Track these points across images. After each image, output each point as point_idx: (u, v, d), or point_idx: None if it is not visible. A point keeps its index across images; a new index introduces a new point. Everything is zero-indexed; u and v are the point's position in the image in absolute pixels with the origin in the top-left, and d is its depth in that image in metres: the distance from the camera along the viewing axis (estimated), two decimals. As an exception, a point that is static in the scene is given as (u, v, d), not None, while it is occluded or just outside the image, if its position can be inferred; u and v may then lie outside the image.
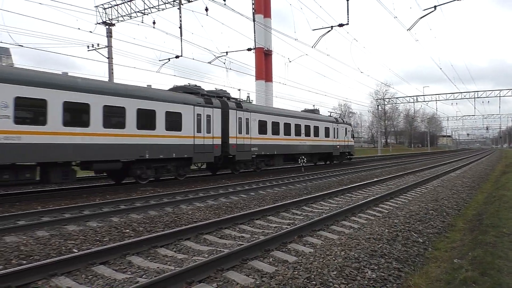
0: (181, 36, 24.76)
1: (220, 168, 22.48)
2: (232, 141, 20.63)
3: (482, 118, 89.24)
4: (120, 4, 26.15)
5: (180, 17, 24.70)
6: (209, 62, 26.90)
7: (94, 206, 11.24)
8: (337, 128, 32.12)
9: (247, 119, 21.82)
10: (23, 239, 7.40)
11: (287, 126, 25.41)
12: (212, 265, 5.35)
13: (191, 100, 18.45)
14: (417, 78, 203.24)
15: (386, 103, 79.17)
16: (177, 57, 25.63)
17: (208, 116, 19.17)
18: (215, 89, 22.06)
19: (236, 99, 22.60)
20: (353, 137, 36.11)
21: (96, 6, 26.88)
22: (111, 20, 26.76)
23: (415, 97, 65.16)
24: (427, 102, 65.37)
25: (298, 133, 26.46)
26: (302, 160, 25.86)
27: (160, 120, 16.66)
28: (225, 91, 22.47)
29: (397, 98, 72.52)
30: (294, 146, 26.11)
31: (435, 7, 19.63)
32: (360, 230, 7.90)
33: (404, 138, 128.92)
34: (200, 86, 20.93)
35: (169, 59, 26.58)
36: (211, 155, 19.28)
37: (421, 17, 20.32)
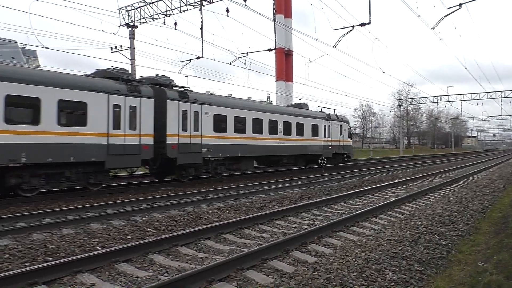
0: (202, 37, 24.98)
1: (169, 174, 18.43)
2: (171, 140, 16.32)
3: (510, 118, 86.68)
4: (143, 6, 26.58)
5: (201, 18, 24.90)
6: (230, 63, 27.04)
7: (117, 205, 11.47)
8: (329, 126, 27.83)
9: (195, 112, 17.46)
10: (49, 237, 7.62)
11: (257, 122, 21.02)
12: (232, 264, 5.40)
13: (104, 87, 14.22)
14: (440, 78, 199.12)
15: (408, 103, 77.86)
16: (198, 58, 25.86)
17: (133, 108, 14.98)
18: (155, 75, 18.07)
19: (182, 87, 18.09)
20: (350, 136, 31.60)
21: (119, 9, 27.44)
22: (134, 22, 27.25)
23: (438, 97, 63.95)
24: (451, 102, 64.19)
25: (273, 131, 22.16)
26: (322, 161, 25.52)
27: (48, 112, 12.54)
28: (168, 77, 18.26)
29: (420, 98, 71.40)
30: (269, 147, 21.82)
31: (460, 5, 19.23)
32: (381, 231, 7.82)
33: (427, 139, 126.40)
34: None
35: (190, 60, 26.90)
36: (136, 159, 15.13)
37: (445, 16, 19.95)
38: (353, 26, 20.98)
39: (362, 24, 20.68)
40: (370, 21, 20.37)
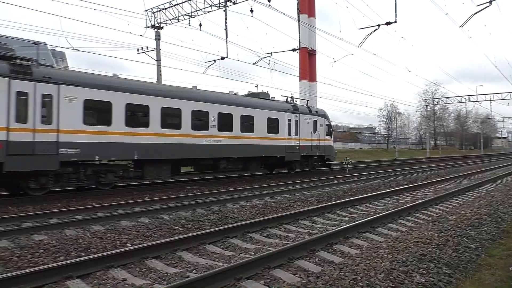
0: (226, 37, 25.25)
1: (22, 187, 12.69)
2: None
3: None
4: (168, 7, 27.01)
5: (226, 19, 25.15)
6: (254, 63, 27.17)
7: (144, 203, 11.74)
8: (297, 120, 22.12)
9: (45, 95, 12.35)
10: (81, 233, 7.89)
11: (170, 113, 15.77)
12: (259, 262, 5.47)
13: None
14: (469, 77, 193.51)
15: (435, 103, 76.22)
16: (222, 58, 26.14)
17: None
18: None
19: (30, 60, 12.98)
20: (330, 134, 25.35)
21: (145, 10, 27.96)
22: (160, 23, 27.70)
23: (467, 97, 62.36)
24: (480, 102, 62.46)
25: (201, 125, 16.85)
26: (346, 161, 25.16)
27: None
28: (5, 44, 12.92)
29: (447, 98, 69.74)
30: (193, 148, 16.41)
31: (490, 2, 18.76)
32: (408, 233, 7.74)
33: (455, 140, 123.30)
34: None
35: (214, 60, 27.17)
36: None
37: (474, 13, 19.50)
38: (379, 25, 20.74)
39: (388, 23, 20.43)
40: (396, 19, 20.11)
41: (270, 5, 22.19)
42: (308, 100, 25.13)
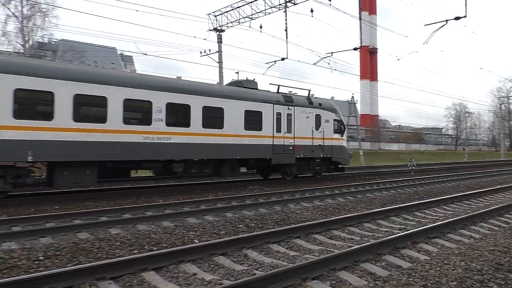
0: (286, 38, 25.39)
1: None
2: None
3: None
4: (230, 11, 27.65)
5: (286, 20, 25.27)
6: (314, 64, 26.98)
7: (208, 201, 12.15)
8: (290, 114, 17.99)
9: None
10: (152, 228, 8.37)
11: (91, 102, 12.70)
12: (324, 263, 5.47)
13: None
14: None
15: (511, 101, 70.70)
16: (282, 59, 26.29)
17: None
18: None
19: None
20: (339, 131, 20.41)
21: (208, 14, 28.86)
22: (221, 26, 28.45)
23: (547, 94, 57.10)
24: None
25: (137, 119, 13.67)
26: (411, 163, 24.06)
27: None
28: None
29: (524, 95, 64.38)
30: (127, 146, 13.16)
31: None
32: (482, 240, 7.32)
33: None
34: None
35: (275, 61, 27.39)
36: None
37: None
38: (447, 20, 19.72)
39: (457, 18, 19.36)
40: (466, 14, 19.00)
41: (330, 4, 22.00)
42: (310, 90, 20.28)
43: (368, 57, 53.82)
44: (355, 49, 27.95)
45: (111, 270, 5.27)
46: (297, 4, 24.79)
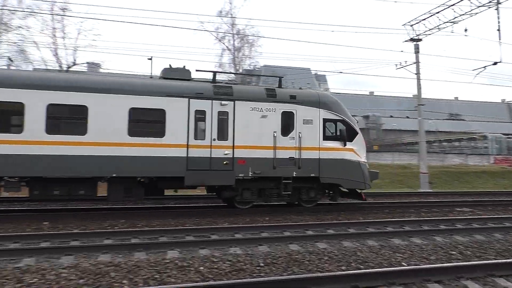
0: (499, 39, 22.24)
1: None
2: None
3: None
4: (428, 18, 25.95)
5: (498, 18, 22.24)
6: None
7: (413, 222, 11.51)
8: (226, 112, 12.60)
9: None
10: (357, 246, 8.44)
11: None
12: None
13: None
14: None
15: None
16: (495, 63, 23.15)
17: None
18: None
19: None
20: (336, 138, 13.87)
21: (403, 25, 27.70)
22: (418, 35, 26.90)
23: None
24: None
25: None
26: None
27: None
28: None
29: None
30: None
31: None
32: None
33: None
34: None
35: (484, 67, 24.30)
36: None
37: None
38: None
39: None
40: None
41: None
42: (282, 77, 14.30)
43: None
44: None
45: (323, 284, 5.56)
46: (512, -2, 21.52)
